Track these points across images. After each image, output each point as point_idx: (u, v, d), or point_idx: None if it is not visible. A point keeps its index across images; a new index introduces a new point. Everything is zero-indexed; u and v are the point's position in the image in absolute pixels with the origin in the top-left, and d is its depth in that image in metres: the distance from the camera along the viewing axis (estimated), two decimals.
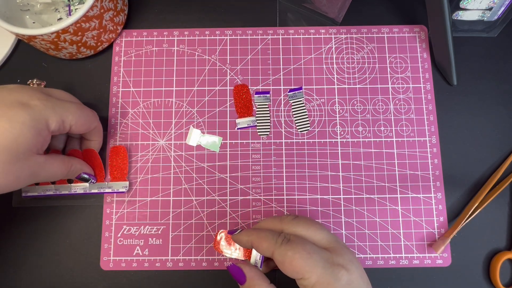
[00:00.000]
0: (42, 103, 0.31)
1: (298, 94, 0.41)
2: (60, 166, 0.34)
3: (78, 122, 0.33)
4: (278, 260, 0.29)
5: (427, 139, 0.40)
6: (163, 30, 0.43)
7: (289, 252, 0.28)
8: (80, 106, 0.34)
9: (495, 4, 0.39)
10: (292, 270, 0.28)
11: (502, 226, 0.39)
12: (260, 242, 0.30)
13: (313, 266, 0.27)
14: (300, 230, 0.31)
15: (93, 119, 0.35)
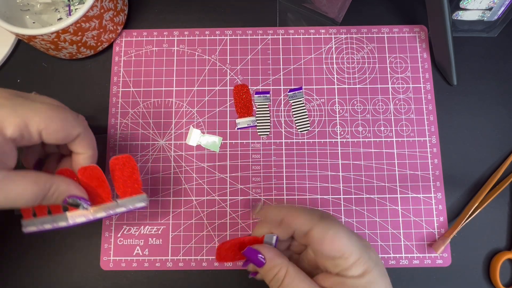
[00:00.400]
0: (3, 102, 0.25)
1: (298, 94, 0.41)
2: (30, 186, 0.26)
3: (49, 127, 0.26)
4: (316, 237, 0.27)
5: (427, 139, 0.40)
6: (163, 30, 0.43)
7: (331, 230, 0.26)
8: (54, 107, 0.27)
9: (495, 4, 0.39)
10: (332, 248, 0.26)
11: (502, 226, 0.39)
12: (295, 217, 0.28)
13: (353, 245, 0.26)
14: None
15: (73, 124, 0.28)
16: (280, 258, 0.28)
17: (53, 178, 0.28)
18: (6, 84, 0.42)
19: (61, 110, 0.27)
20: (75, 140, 0.29)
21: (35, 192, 0.26)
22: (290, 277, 0.27)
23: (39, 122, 0.25)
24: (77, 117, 0.29)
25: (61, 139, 0.27)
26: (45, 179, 0.27)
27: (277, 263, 0.27)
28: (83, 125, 0.29)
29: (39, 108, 0.26)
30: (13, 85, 0.42)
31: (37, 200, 0.26)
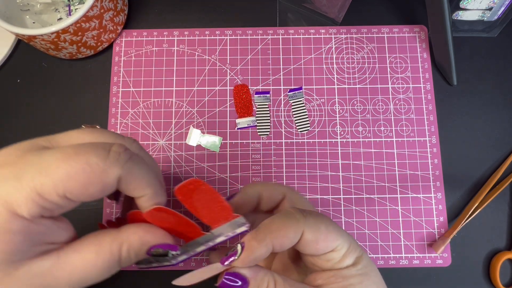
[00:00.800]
0: (5, 172, 0.18)
1: (298, 94, 0.41)
2: (93, 259, 0.19)
3: (70, 187, 0.18)
4: (310, 239, 0.23)
5: (427, 139, 0.40)
6: (163, 30, 0.43)
7: (322, 226, 0.23)
8: (71, 155, 0.19)
9: (495, 4, 0.39)
10: (327, 245, 0.23)
11: (502, 226, 0.39)
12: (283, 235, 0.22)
13: (343, 236, 0.24)
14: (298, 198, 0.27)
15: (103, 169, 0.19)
16: (261, 270, 0.23)
17: (119, 235, 0.21)
18: (6, 84, 0.42)
19: (80, 154, 0.19)
20: (120, 186, 0.20)
21: (102, 263, 0.20)
22: (280, 286, 0.23)
23: (53, 184, 0.18)
24: (108, 154, 0.19)
25: (98, 193, 0.20)
26: (110, 242, 0.20)
27: (262, 277, 0.22)
28: (122, 161, 0.20)
29: (48, 164, 0.18)
30: (13, 85, 0.42)
31: (110, 270, 0.20)
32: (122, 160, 0.20)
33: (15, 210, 0.18)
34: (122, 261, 0.21)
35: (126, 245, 0.21)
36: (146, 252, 0.22)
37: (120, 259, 0.21)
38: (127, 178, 0.20)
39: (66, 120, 0.41)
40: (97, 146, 0.20)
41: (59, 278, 0.19)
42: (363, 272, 0.24)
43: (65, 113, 0.41)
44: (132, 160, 0.20)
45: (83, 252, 0.20)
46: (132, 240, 0.21)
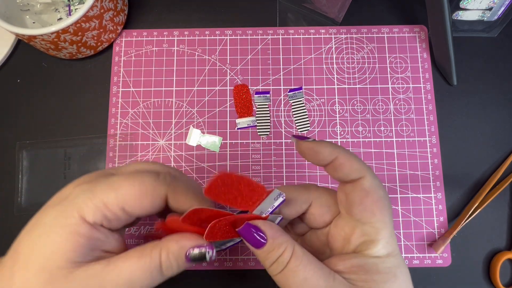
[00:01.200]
0: (77, 189, 0.23)
1: (298, 94, 0.41)
2: (136, 266, 0.22)
3: (128, 200, 0.22)
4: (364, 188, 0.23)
5: (427, 139, 0.40)
6: (163, 30, 0.43)
7: (380, 191, 0.23)
8: (131, 176, 0.24)
9: (495, 4, 0.39)
10: (371, 209, 0.22)
11: (502, 226, 0.39)
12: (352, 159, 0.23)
13: (389, 222, 0.23)
14: None
15: (154, 186, 0.23)
16: (284, 235, 0.23)
17: (159, 243, 0.24)
18: (6, 84, 0.42)
19: (138, 176, 0.23)
20: (169, 202, 0.24)
21: (145, 270, 0.22)
22: (297, 259, 0.22)
23: (116, 197, 0.22)
24: (158, 176, 0.24)
25: (149, 208, 0.23)
26: (150, 249, 0.23)
27: (281, 242, 0.22)
28: (168, 181, 0.24)
29: (115, 183, 0.23)
30: (13, 85, 0.42)
31: (153, 275, 0.23)
32: (168, 180, 0.24)
33: (84, 216, 0.22)
34: (163, 266, 0.23)
35: (165, 250, 0.23)
36: (185, 256, 0.23)
37: (161, 264, 0.23)
38: (173, 195, 0.24)
39: (66, 120, 0.41)
40: (150, 171, 0.25)
41: (107, 281, 0.22)
42: (391, 271, 0.22)
43: (65, 113, 0.41)
44: (175, 181, 0.25)
45: (128, 258, 0.22)
46: (170, 246, 0.23)
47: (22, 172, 0.40)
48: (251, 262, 0.38)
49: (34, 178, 0.40)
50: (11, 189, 0.39)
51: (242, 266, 0.38)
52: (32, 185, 0.39)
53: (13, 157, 0.40)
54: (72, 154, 0.40)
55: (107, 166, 0.40)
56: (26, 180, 0.40)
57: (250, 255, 0.38)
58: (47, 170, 0.40)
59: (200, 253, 0.23)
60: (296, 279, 0.21)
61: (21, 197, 0.39)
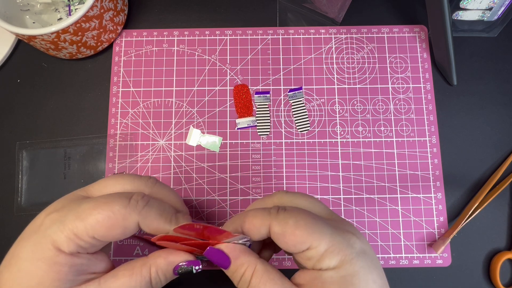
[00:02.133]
0: (48, 220, 0.23)
1: (298, 94, 0.41)
2: (130, 285, 0.23)
3: (97, 230, 0.23)
4: (277, 233, 0.23)
5: (427, 139, 0.40)
6: (163, 30, 0.43)
7: (290, 220, 0.23)
8: (100, 204, 0.23)
9: (495, 4, 0.39)
10: (296, 240, 0.23)
11: (502, 226, 0.39)
12: (251, 220, 0.24)
13: (321, 232, 0.23)
14: (297, 202, 0.26)
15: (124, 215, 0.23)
16: (245, 255, 0.24)
17: (147, 260, 0.25)
18: (6, 84, 0.42)
19: (106, 204, 0.23)
20: (143, 228, 0.25)
21: (135, 285, 0.24)
22: (258, 275, 0.23)
23: (85, 228, 0.22)
24: (128, 203, 0.24)
25: (120, 235, 0.24)
26: (140, 266, 0.24)
27: (243, 262, 0.24)
28: (139, 208, 0.24)
29: (83, 212, 0.23)
30: (13, 85, 0.42)
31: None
32: (139, 207, 0.24)
33: (59, 247, 0.22)
34: (153, 281, 0.24)
35: (154, 267, 0.24)
36: (173, 271, 0.25)
37: (151, 280, 0.24)
38: (145, 222, 0.24)
39: (66, 120, 0.41)
40: (120, 196, 0.24)
41: None
42: (346, 280, 0.22)
43: (65, 113, 0.41)
44: (149, 206, 0.24)
45: (118, 277, 0.23)
46: (158, 262, 0.24)
47: (22, 172, 0.40)
48: None
49: (34, 178, 0.40)
50: (11, 189, 0.39)
51: None
52: (32, 185, 0.39)
53: (13, 157, 0.40)
54: (72, 154, 0.40)
55: (107, 166, 0.40)
56: (26, 180, 0.40)
57: None
58: (47, 170, 0.40)
59: (187, 268, 0.25)
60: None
61: (21, 197, 0.39)
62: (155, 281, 0.24)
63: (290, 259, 0.38)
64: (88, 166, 0.40)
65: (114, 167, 0.40)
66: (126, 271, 0.24)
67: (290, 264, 0.38)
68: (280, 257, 0.38)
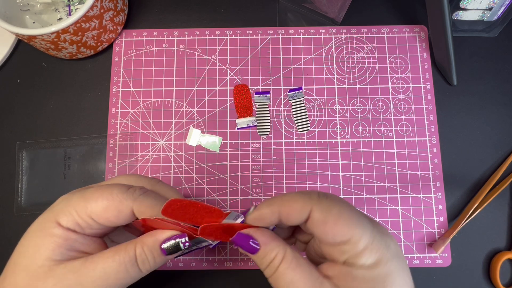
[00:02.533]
0: (61, 198, 0.26)
1: (298, 94, 0.41)
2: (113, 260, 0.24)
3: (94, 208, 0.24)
4: (317, 220, 0.23)
5: (427, 139, 0.40)
6: (163, 30, 0.43)
7: (334, 209, 0.22)
8: (103, 187, 0.25)
9: (495, 4, 0.39)
10: (337, 231, 0.22)
11: (502, 226, 0.39)
12: (291, 204, 0.23)
13: (363, 227, 0.22)
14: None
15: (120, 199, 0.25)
16: (275, 241, 0.24)
17: (134, 240, 0.25)
18: (6, 84, 0.42)
19: (107, 189, 0.25)
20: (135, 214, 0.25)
21: (120, 263, 0.24)
22: (286, 262, 0.23)
23: (85, 206, 0.24)
24: (126, 190, 0.25)
25: (114, 219, 0.25)
26: (125, 245, 0.24)
27: (273, 247, 0.24)
28: (135, 195, 0.25)
29: (87, 193, 0.25)
30: (13, 85, 0.42)
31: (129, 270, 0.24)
32: (135, 195, 0.25)
33: (59, 221, 0.24)
34: (139, 259, 0.24)
35: (139, 244, 0.24)
36: (159, 248, 0.25)
37: (136, 258, 0.24)
38: (139, 208, 0.25)
39: (66, 120, 0.41)
40: (122, 184, 0.26)
41: (84, 275, 0.23)
42: (380, 280, 0.21)
43: (65, 113, 0.41)
44: (145, 195, 0.25)
45: (103, 254, 0.24)
46: (144, 240, 0.25)
47: (22, 172, 0.40)
48: (251, 262, 0.38)
49: (34, 178, 0.40)
50: (11, 189, 0.39)
51: (242, 266, 0.38)
52: (32, 185, 0.39)
53: (13, 157, 0.40)
54: (72, 154, 0.40)
55: (107, 166, 0.40)
56: (26, 180, 0.40)
57: None
58: (47, 170, 0.40)
59: (175, 243, 0.25)
60: (284, 281, 0.23)
61: (21, 197, 0.39)
62: (140, 259, 0.24)
63: None
64: (88, 166, 0.40)
65: (114, 167, 0.40)
66: (112, 249, 0.24)
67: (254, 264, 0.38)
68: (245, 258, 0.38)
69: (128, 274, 0.24)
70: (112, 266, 0.23)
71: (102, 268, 0.23)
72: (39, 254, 0.23)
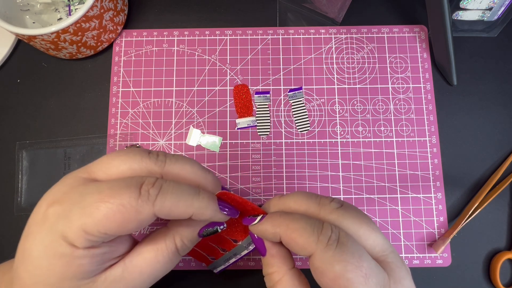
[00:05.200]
0: (52, 213, 0.21)
1: (298, 94, 0.41)
2: (158, 260, 0.23)
3: (107, 227, 0.20)
4: (317, 267, 0.21)
5: (427, 139, 0.40)
6: (163, 30, 0.43)
7: (337, 266, 0.20)
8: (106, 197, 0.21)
9: (495, 4, 0.39)
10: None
11: (502, 226, 0.39)
12: (294, 237, 0.22)
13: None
14: (349, 227, 0.22)
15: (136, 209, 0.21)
16: (280, 260, 0.24)
17: (168, 230, 0.24)
18: (6, 84, 0.42)
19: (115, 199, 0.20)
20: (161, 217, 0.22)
21: (163, 258, 0.23)
22: (281, 285, 0.23)
23: (94, 224, 0.20)
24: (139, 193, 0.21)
25: (136, 228, 0.21)
26: (163, 239, 0.24)
27: (273, 264, 0.24)
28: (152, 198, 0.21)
29: (90, 206, 0.20)
30: (13, 85, 0.42)
31: (172, 261, 0.24)
32: (152, 197, 0.21)
33: (72, 243, 0.21)
34: (180, 249, 0.24)
35: (178, 236, 0.24)
36: (198, 235, 0.24)
37: (178, 249, 0.24)
38: (162, 212, 0.21)
39: (66, 120, 0.41)
40: (129, 185, 0.21)
41: (131, 280, 0.22)
42: None
43: (65, 113, 0.41)
44: (162, 194, 0.21)
45: (144, 254, 0.23)
46: (181, 231, 0.24)
47: (22, 172, 0.40)
48: (251, 262, 0.38)
49: (34, 178, 0.40)
50: (11, 189, 0.39)
51: (242, 266, 0.38)
52: (32, 185, 0.39)
53: (13, 157, 0.40)
54: (72, 154, 0.40)
55: None
56: (26, 180, 0.39)
57: (250, 255, 0.38)
58: (47, 170, 0.40)
59: (212, 230, 0.25)
60: None
61: (21, 197, 0.39)
62: (182, 249, 0.24)
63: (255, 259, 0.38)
64: None
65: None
66: (150, 247, 0.23)
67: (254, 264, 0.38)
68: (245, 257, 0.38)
69: (172, 264, 0.24)
70: (157, 264, 0.23)
71: (147, 268, 0.23)
72: (68, 280, 0.21)
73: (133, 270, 0.22)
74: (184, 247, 0.24)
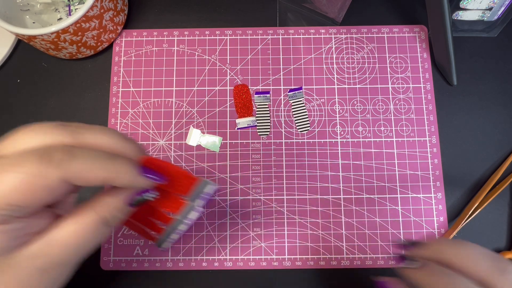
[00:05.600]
0: None
1: (298, 94, 0.41)
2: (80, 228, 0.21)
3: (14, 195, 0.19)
4: None
5: (427, 139, 0.40)
6: (163, 30, 0.43)
7: None
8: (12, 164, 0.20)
9: (495, 4, 0.39)
10: None
11: (502, 226, 0.39)
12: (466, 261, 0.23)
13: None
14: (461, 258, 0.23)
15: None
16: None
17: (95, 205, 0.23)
18: (6, 84, 0.42)
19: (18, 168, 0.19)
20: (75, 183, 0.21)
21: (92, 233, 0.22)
22: None
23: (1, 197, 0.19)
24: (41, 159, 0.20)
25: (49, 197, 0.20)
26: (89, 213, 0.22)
27: None
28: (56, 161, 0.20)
29: None
30: (13, 85, 0.42)
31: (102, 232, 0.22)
32: (59, 162, 0.20)
33: None
34: (110, 219, 0.22)
35: (105, 206, 0.22)
36: (128, 205, 0.23)
37: (106, 219, 0.22)
38: (72, 175, 0.20)
39: (66, 120, 0.41)
40: (35, 153, 0.20)
41: (55, 255, 0.21)
42: None
43: (65, 113, 0.41)
44: (71, 158, 0.20)
45: (67, 226, 0.21)
46: (107, 199, 0.23)
47: None
48: (251, 262, 0.38)
49: None
50: None
51: (242, 266, 0.38)
52: None
53: None
54: None
55: None
56: None
57: (250, 255, 0.38)
58: None
59: (141, 198, 0.24)
60: None
61: None
62: (112, 219, 0.23)
63: (255, 259, 0.38)
64: None
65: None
66: (73, 218, 0.21)
67: (254, 264, 0.38)
68: (245, 258, 0.38)
69: (102, 235, 0.23)
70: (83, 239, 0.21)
71: (71, 241, 0.21)
72: None
73: (55, 244, 0.21)
74: (114, 217, 0.23)
